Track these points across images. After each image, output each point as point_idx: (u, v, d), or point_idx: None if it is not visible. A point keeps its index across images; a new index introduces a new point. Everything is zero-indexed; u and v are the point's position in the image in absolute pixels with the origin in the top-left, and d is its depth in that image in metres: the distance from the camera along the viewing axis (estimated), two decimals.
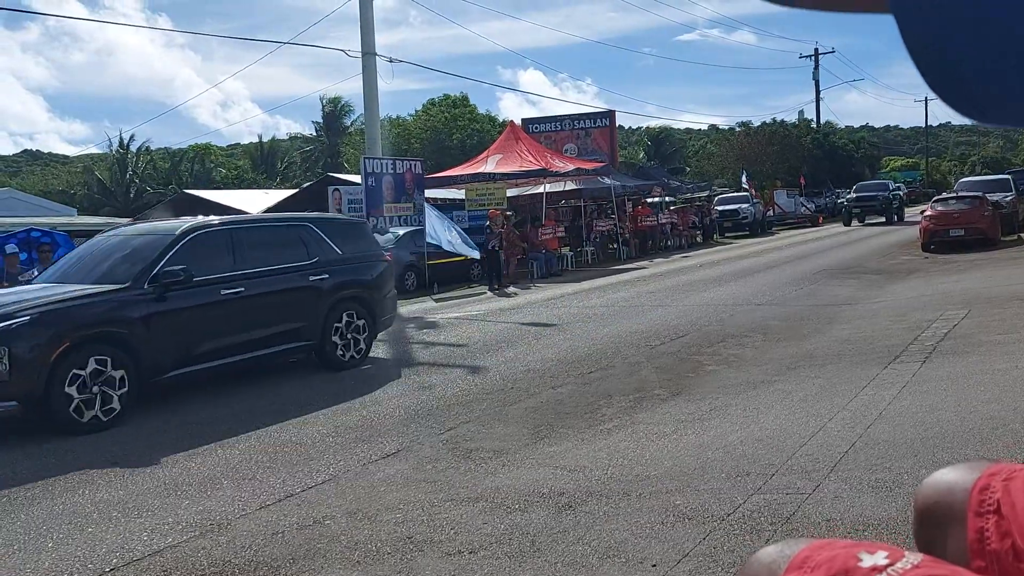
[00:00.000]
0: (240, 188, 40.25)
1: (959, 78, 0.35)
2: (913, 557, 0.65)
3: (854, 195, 35.47)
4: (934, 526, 0.81)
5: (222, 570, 4.02)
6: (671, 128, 71.79)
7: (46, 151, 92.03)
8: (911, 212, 37.75)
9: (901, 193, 39.92)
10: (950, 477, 0.84)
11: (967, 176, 38.69)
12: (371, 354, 9.72)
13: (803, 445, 5.15)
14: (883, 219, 33.48)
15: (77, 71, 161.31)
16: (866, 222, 33.90)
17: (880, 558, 0.65)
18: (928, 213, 19.81)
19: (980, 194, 20.57)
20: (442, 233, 16.69)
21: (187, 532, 4.51)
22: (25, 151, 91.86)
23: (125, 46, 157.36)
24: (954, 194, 21.89)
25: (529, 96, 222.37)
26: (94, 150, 67.79)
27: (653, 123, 75.61)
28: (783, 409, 6.16)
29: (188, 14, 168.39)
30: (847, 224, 33.91)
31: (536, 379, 8.00)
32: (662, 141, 68.08)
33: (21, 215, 28.64)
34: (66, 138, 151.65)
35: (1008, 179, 24.30)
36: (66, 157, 74.56)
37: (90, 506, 5.05)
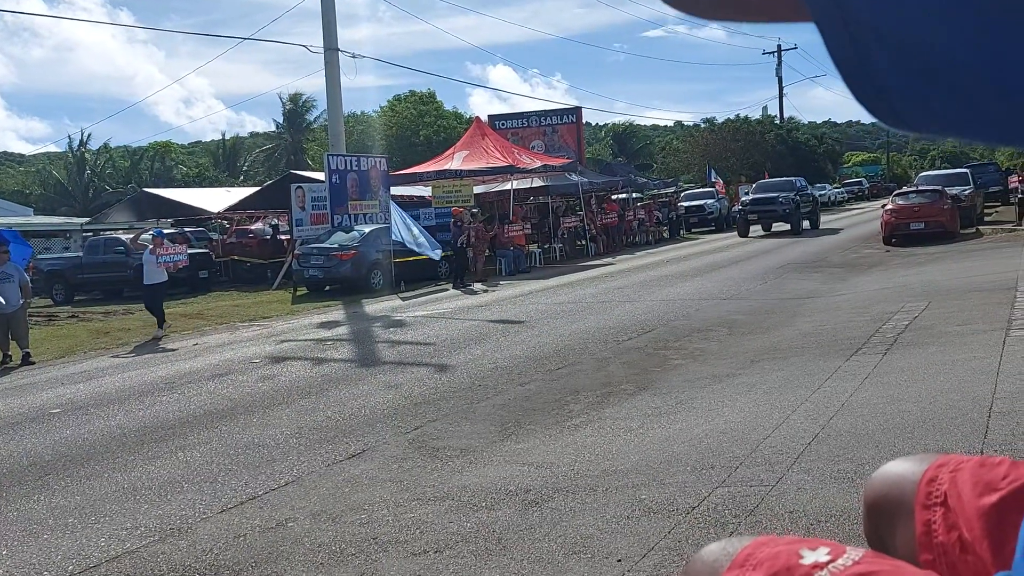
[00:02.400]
0: (201, 186, 39.69)
1: (881, 88, 0.36)
2: (854, 553, 0.64)
3: (749, 197, 27.66)
4: (883, 519, 0.80)
5: (182, 575, 3.94)
6: (637, 124, 72.25)
7: (1, 150, 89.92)
8: (871, 207, 37.99)
9: (815, 193, 31.58)
10: (898, 470, 0.83)
11: (927, 170, 38.97)
12: (336, 357, 9.54)
13: (767, 437, 5.19)
14: (788, 226, 26.52)
15: (36, 68, 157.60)
16: (772, 230, 27.32)
17: (821, 554, 0.64)
18: (889, 207, 20.16)
19: (940, 188, 20.99)
20: (405, 232, 16.58)
21: (146, 537, 4.42)
22: None
23: (85, 42, 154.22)
24: (915, 188, 22.29)
25: (500, 93, 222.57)
26: (53, 148, 66.42)
27: (619, 119, 75.94)
28: (747, 402, 6.20)
29: (150, 9, 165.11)
30: (742, 235, 26.35)
31: (503, 376, 7.97)
32: (628, 137, 68.40)
33: None
34: (23, 136, 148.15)
35: (967, 173, 24.88)
36: (22, 156, 73.01)
37: (45, 512, 4.93)
